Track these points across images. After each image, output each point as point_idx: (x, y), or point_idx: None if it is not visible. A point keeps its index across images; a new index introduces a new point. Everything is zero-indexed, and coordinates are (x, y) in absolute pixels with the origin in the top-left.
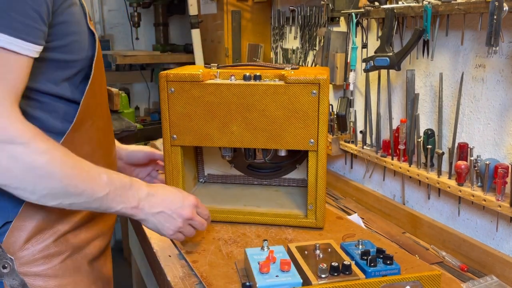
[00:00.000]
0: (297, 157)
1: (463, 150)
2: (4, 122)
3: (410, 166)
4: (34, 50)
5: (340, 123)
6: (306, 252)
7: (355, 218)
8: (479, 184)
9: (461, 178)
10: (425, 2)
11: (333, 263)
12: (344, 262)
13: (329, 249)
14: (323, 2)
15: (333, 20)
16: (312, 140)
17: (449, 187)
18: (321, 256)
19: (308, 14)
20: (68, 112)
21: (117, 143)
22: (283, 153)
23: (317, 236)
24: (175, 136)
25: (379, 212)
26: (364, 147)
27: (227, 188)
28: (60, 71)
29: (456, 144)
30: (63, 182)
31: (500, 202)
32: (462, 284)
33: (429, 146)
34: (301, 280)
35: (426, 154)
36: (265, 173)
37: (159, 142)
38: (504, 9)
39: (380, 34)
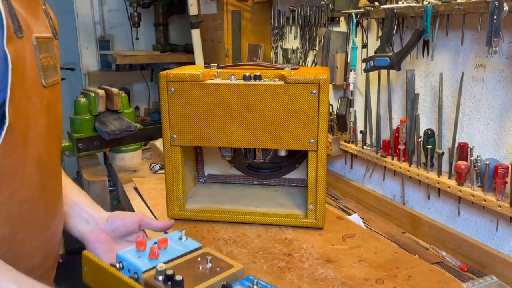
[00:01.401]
0: (297, 157)
1: (463, 150)
2: None
3: (410, 166)
4: None
5: (340, 123)
6: (199, 258)
7: (355, 218)
8: (479, 184)
9: (461, 178)
10: (425, 2)
11: (168, 272)
12: (177, 278)
13: (219, 269)
14: (323, 2)
15: (333, 20)
16: (312, 140)
17: (449, 187)
18: (200, 268)
19: (308, 14)
20: None
21: (95, 209)
22: (283, 153)
23: (317, 236)
24: (175, 136)
25: (379, 212)
26: (364, 147)
27: (227, 188)
28: None
29: (456, 144)
30: None
31: (500, 202)
32: (462, 284)
33: (429, 146)
34: (143, 269)
35: (426, 154)
36: (265, 173)
37: (159, 142)
38: (504, 9)
39: (380, 34)
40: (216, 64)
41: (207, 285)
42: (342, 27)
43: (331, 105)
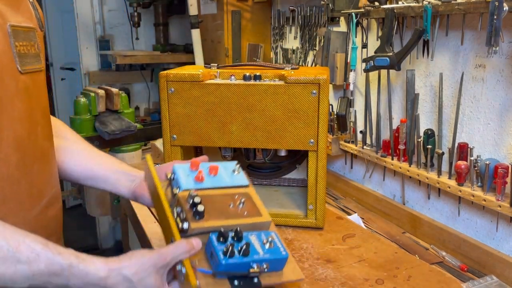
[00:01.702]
0: (297, 157)
1: (463, 150)
2: None
3: (410, 166)
4: None
5: (340, 123)
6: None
7: (355, 218)
8: (479, 184)
9: (461, 178)
10: (425, 2)
11: (195, 200)
12: (199, 208)
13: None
14: (323, 2)
15: (333, 20)
16: (312, 140)
17: (449, 187)
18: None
19: (308, 14)
20: None
21: (136, 170)
22: (283, 153)
23: (317, 236)
24: (175, 136)
25: (379, 212)
26: (364, 147)
27: None
28: None
29: (456, 144)
30: None
31: (500, 202)
32: (462, 284)
33: (429, 146)
34: (184, 187)
35: (426, 154)
36: (265, 173)
37: (159, 142)
38: (504, 9)
39: (380, 34)
40: (216, 64)
41: (223, 224)
42: (342, 27)
43: (331, 105)
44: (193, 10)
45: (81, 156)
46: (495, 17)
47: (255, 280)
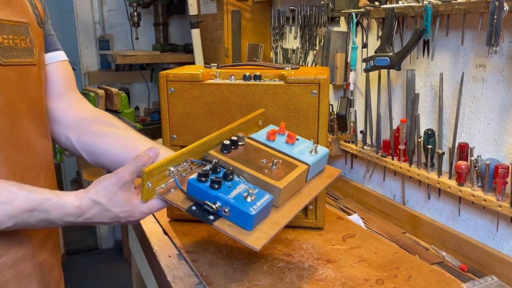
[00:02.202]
0: None
1: (463, 150)
2: None
3: (410, 166)
4: None
5: (340, 123)
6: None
7: (355, 218)
8: (479, 184)
9: (462, 178)
10: (425, 2)
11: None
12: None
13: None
14: (323, 2)
15: (333, 20)
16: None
17: (450, 187)
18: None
19: (308, 14)
20: None
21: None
22: None
23: (317, 237)
24: (175, 136)
25: (379, 212)
26: (364, 147)
27: None
28: None
29: (457, 144)
30: None
31: (501, 202)
32: (463, 284)
33: (430, 146)
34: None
35: (427, 154)
36: None
37: (159, 142)
38: (505, 9)
39: (380, 34)
40: (216, 64)
41: (237, 166)
42: (342, 27)
43: (331, 105)
44: (193, 10)
45: (130, 141)
46: (495, 17)
47: (210, 217)
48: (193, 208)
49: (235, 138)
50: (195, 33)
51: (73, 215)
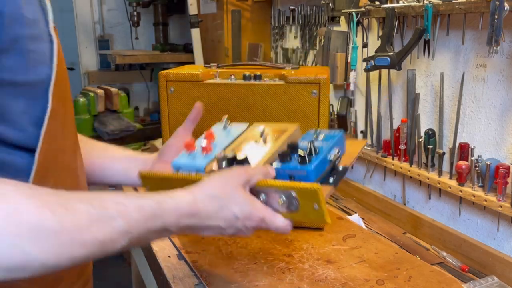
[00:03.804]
0: None
1: (464, 150)
2: None
3: (410, 166)
4: None
5: (340, 123)
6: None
7: (355, 218)
8: (480, 184)
9: (462, 178)
10: (426, 2)
11: (228, 155)
12: (240, 156)
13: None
14: (324, 2)
15: (334, 20)
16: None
17: (450, 187)
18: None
19: (309, 14)
20: (18, 168)
21: (146, 154)
22: None
23: (318, 237)
24: None
25: (380, 212)
26: (365, 147)
27: None
28: None
29: (457, 144)
30: (56, 257)
31: (501, 203)
32: (463, 285)
33: (430, 146)
34: (203, 165)
35: (427, 154)
36: None
37: (158, 142)
38: (505, 8)
39: (380, 33)
40: (216, 64)
41: (270, 154)
42: (343, 26)
43: (332, 105)
44: (193, 9)
45: (105, 151)
46: (496, 16)
47: (340, 168)
48: (331, 180)
49: (230, 155)
50: (195, 33)
51: (187, 215)
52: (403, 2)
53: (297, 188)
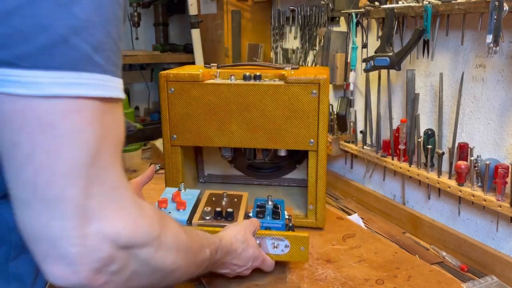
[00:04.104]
0: (297, 157)
1: (463, 150)
2: (134, 217)
3: (410, 166)
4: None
5: (340, 123)
6: (214, 198)
7: (355, 218)
8: (479, 184)
9: (461, 178)
10: (425, 2)
11: (217, 209)
12: (228, 210)
13: (236, 199)
14: (323, 2)
15: (333, 20)
16: (312, 140)
17: (449, 187)
18: (223, 203)
19: (308, 14)
20: None
21: None
22: (283, 153)
23: (317, 237)
24: (175, 136)
25: (379, 212)
26: (364, 147)
27: (227, 188)
28: None
29: (456, 144)
30: (181, 273)
31: (500, 202)
32: (463, 284)
33: (429, 146)
34: (186, 218)
35: (426, 154)
36: (265, 173)
37: (159, 142)
38: (504, 9)
39: (380, 34)
40: (216, 64)
41: (243, 212)
42: (342, 27)
43: (331, 105)
44: (193, 10)
45: None
46: (495, 17)
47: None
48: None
49: (218, 209)
50: (195, 33)
51: (226, 253)
52: (403, 3)
53: (291, 236)
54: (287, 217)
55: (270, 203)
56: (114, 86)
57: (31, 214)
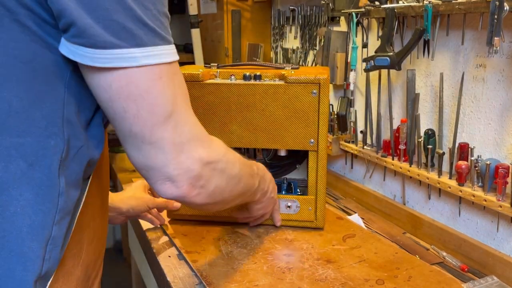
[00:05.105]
0: (297, 157)
1: (463, 150)
2: (208, 143)
3: (410, 166)
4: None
5: (340, 123)
6: None
7: (355, 218)
8: (479, 184)
9: (462, 178)
10: (425, 2)
11: None
12: None
13: None
14: (324, 2)
15: (334, 20)
16: (312, 140)
17: (450, 187)
18: None
19: (308, 14)
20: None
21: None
22: (283, 153)
23: (317, 237)
24: None
25: (380, 212)
26: (365, 147)
27: None
28: None
29: (457, 144)
30: (245, 182)
31: (501, 202)
32: (463, 285)
33: (430, 146)
34: None
35: (427, 154)
36: None
37: None
38: (505, 8)
39: (380, 33)
40: (216, 64)
41: None
42: (342, 26)
43: (331, 105)
44: (193, 9)
45: None
46: (495, 16)
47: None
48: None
49: None
50: (195, 33)
51: (267, 181)
52: (403, 2)
53: (300, 198)
54: (299, 192)
55: (285, 181)
56: (174, 52)
57: (143, 154)
